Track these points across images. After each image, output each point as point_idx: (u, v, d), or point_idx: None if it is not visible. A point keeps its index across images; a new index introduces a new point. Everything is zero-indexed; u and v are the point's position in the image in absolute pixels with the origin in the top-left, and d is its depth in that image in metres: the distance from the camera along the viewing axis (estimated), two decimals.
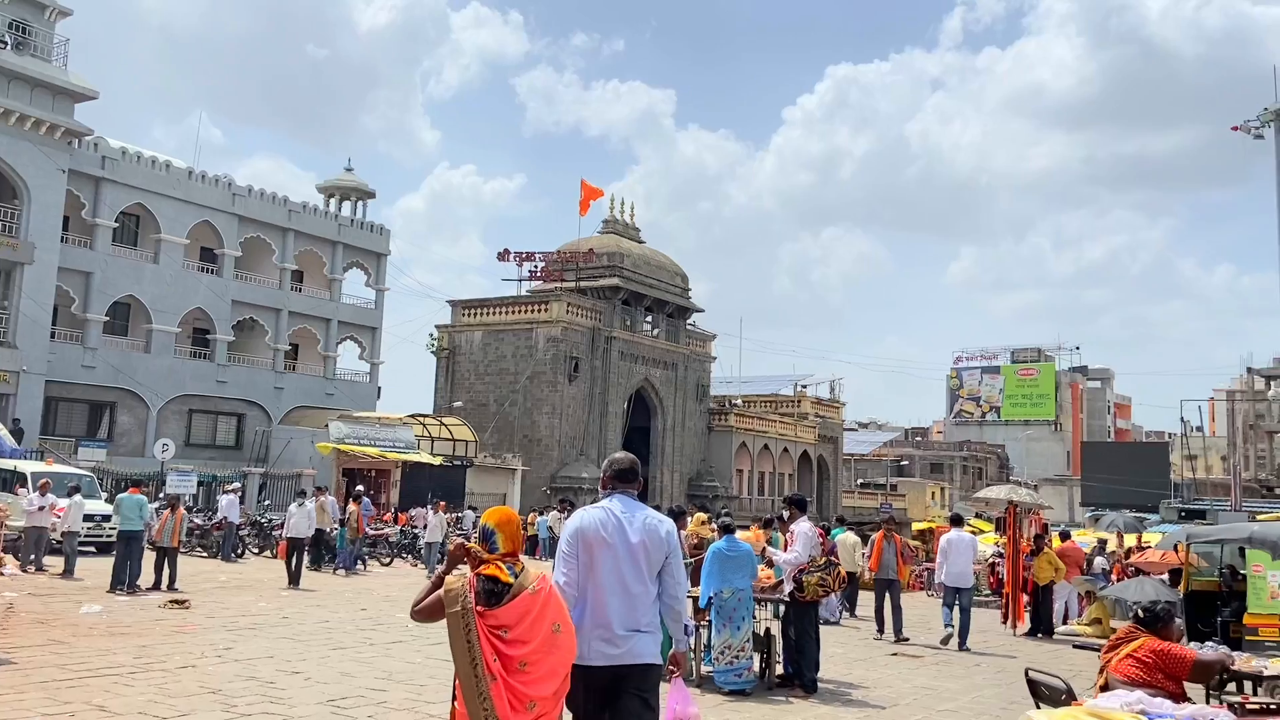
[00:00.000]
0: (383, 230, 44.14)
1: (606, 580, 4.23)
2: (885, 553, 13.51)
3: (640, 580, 4.27)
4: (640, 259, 50.39)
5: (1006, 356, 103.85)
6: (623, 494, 4.50)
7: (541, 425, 44.51)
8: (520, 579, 3.78)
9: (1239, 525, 10.67)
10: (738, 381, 63.89)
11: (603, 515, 4.39)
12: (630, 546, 4.29)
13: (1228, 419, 78.37)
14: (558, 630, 3.76)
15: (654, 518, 4.46)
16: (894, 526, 14.14)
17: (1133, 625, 5.16)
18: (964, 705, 8.69)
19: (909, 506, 66.78)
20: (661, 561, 4.36)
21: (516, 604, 3.70)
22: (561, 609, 3.86)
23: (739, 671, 8.70)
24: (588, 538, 4.30)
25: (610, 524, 4.33)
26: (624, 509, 4.43)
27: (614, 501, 4.46)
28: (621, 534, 4.30)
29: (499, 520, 3.96)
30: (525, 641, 3.67)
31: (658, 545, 4.35)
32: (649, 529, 4.36)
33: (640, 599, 4.26)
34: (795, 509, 9.49)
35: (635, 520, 4.37)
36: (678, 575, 4.41)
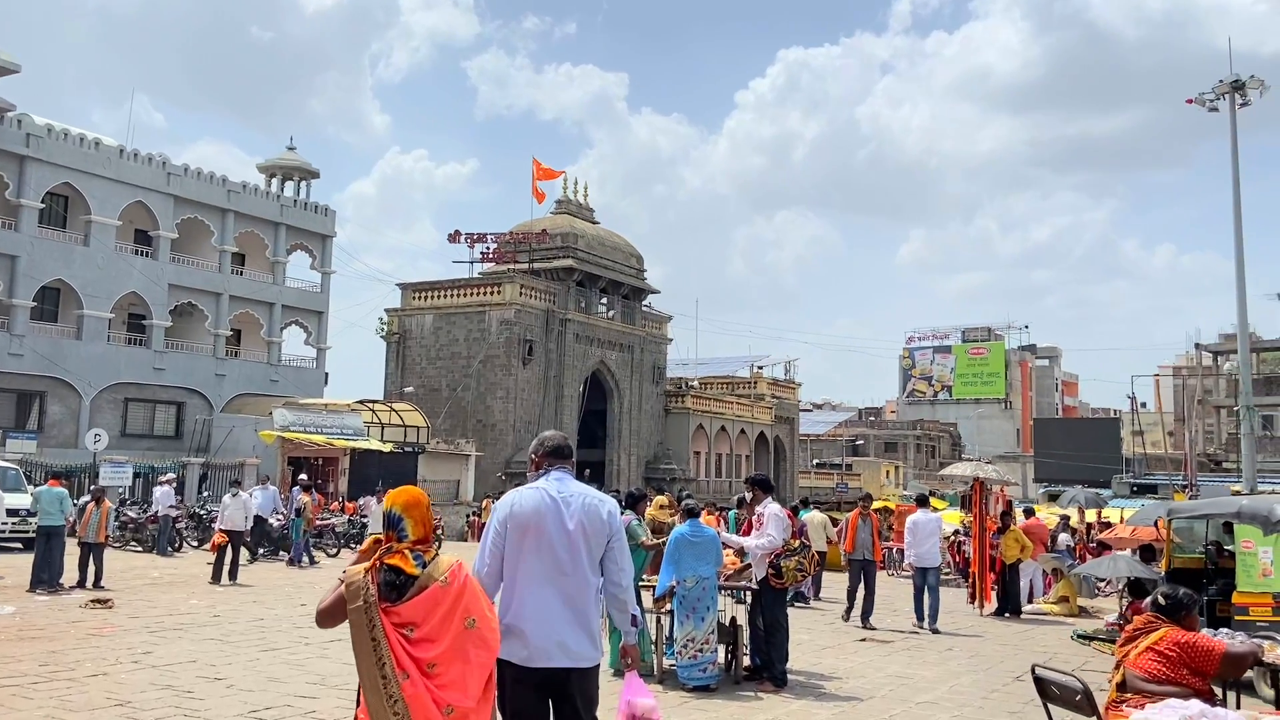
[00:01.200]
0: (328, 211, 42.79)
1: (541, 571, 3.80)
2: (860, 532, 12.87)
3: (580, 569, 3.84)
4: (594, 240, 49.57)
5: (958, 336, 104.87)
6: (560, 472, 4.03)
7: (495, 409, 43.61)
8: (429, 569, 3.38)
9: (1225, 499, 10.28)
10: (694, 363, 63.50)
11: (537, 497, 3.92)
12: (568, 532, 3.85)
13: (1173, 395, 79.78)
14: (472, 625, 3.36)
15: (594, 498, 4.00)
16: (869, 505, 13.43)
17: (1152, 615, 4.59)
18: (943, 696, 8.15)
19: (864, 485, 66.95)
20: (603, 547, 3.93)
21: (423, 598, 3.31)
22: (478, 601, 3.45)
23: (703, 666, 8.07)
24: (520, 523, 3.85)
25: (546, 507, 3.88)
26: (561, 489, 3.96)
27: (549, 481, 3.99)
28: (558, 518, 3.86)
29: (406, 503, 3.51)
30: (433, 640, 3.30)
31: (599, 529, 3.91)
32: (589, 511, 3.91)
33: (580, 591, 3.83)
34: (759, 490, 8.84)
35: (573, 502, 3.92)
36: (622, 561, 3.99)
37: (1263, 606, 8.05)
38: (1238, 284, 25.68)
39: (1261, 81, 25.60)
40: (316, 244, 42.31)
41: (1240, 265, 25.51)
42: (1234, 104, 25.62)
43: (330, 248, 42.76)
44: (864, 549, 12.82)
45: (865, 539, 12.83)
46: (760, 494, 8.79)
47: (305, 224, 41.59)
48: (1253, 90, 25.65)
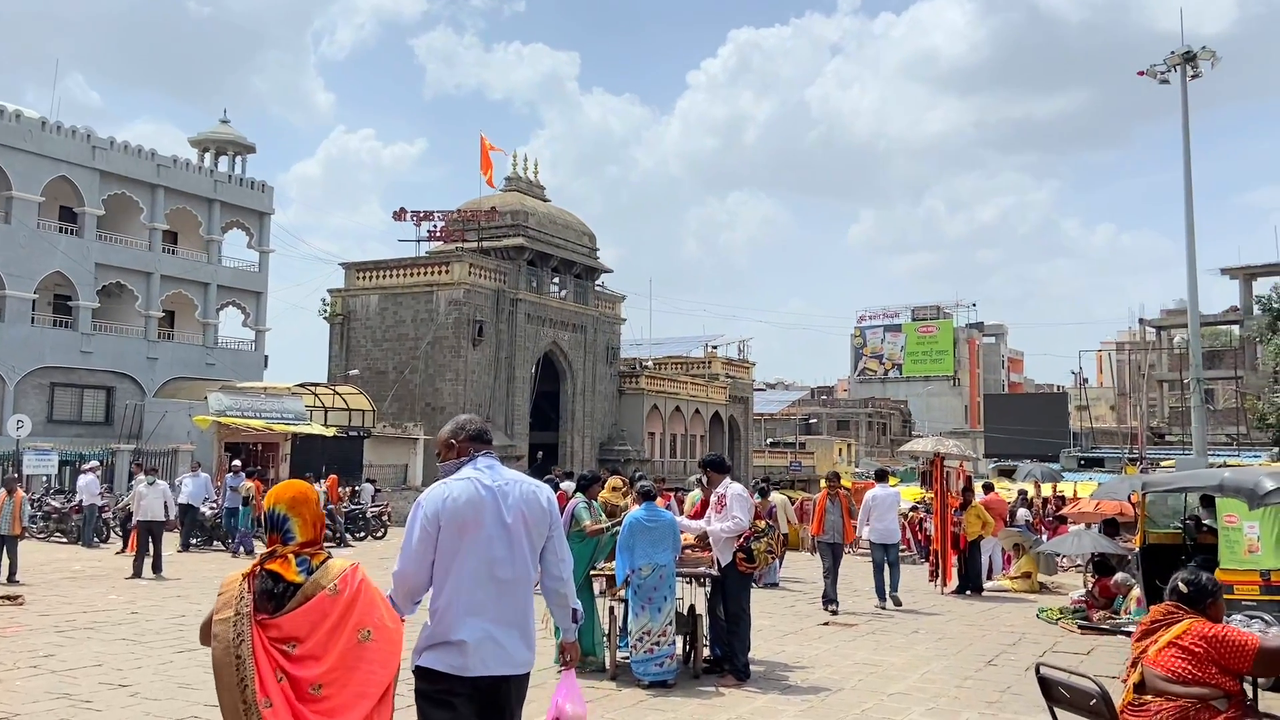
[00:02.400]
0: (264, 187, 41.27)
1: (479, 570, 3.40)
2: (830, 514, 12.06)
3: (520, 566, 3.46)
4: (546, 218, 48.56)
5: (907, 315, 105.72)
6: (487, 458, 3.61)
7: (445, 392, 42.55)
8: (316, 576, 3.03)
9: (1205, 472, 9.91)
10: (648, 344, 62.88)
11: (470, 489, 3.48)
12: (507, 526, 3.46)
13: (1115, 370, 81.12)
14: (366, 638, 3.01)
15: (530, 486, 3.63)
16: (838, 484, 12.61)
17: (1172, 604, 4.04)
18: (914, 685, 7.62)
19: (817, 463, 67.23)
20: (544, 539, 3.58)
21: (307, 609, 2.95)
22: (374, 610, 3.09)
23: (660, 660, 7.45)
24: (456, 519, 3.40)
25: (480, 498, 3.46)
26: (494, 478, 3.54)
27: (478, 470, 3.56)
28: (496, 511, 3.46)
29: (291, 500, 3.16)
30: (318, 658, 2.94)
31: (539, 520, 3.55)
32: (528, 501, 3.54)
33: (521, 590, 3.47)
34: (715, 471, 8.20)
35: (511, 492, 3.52)
36: (562, 552, 3.67)
37: (1249, 585, 7.63)
38: (1188, 256, 25.64)
39: (1213, 53, 25.48)
40: (253, 221, 40.82)
41: (1191, 236, 25.46)
42: (1185, 76, 25.49)
43: (268, 225, 41.31)
44: (834, 531, 12.07)
45: (835, 520, 12.06)
46: (716, 475, 8.16)
47: (241, 200, 40.06)
48: (1204, 61, 25.55)
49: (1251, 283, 53.35)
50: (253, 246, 41.48)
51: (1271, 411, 41.71)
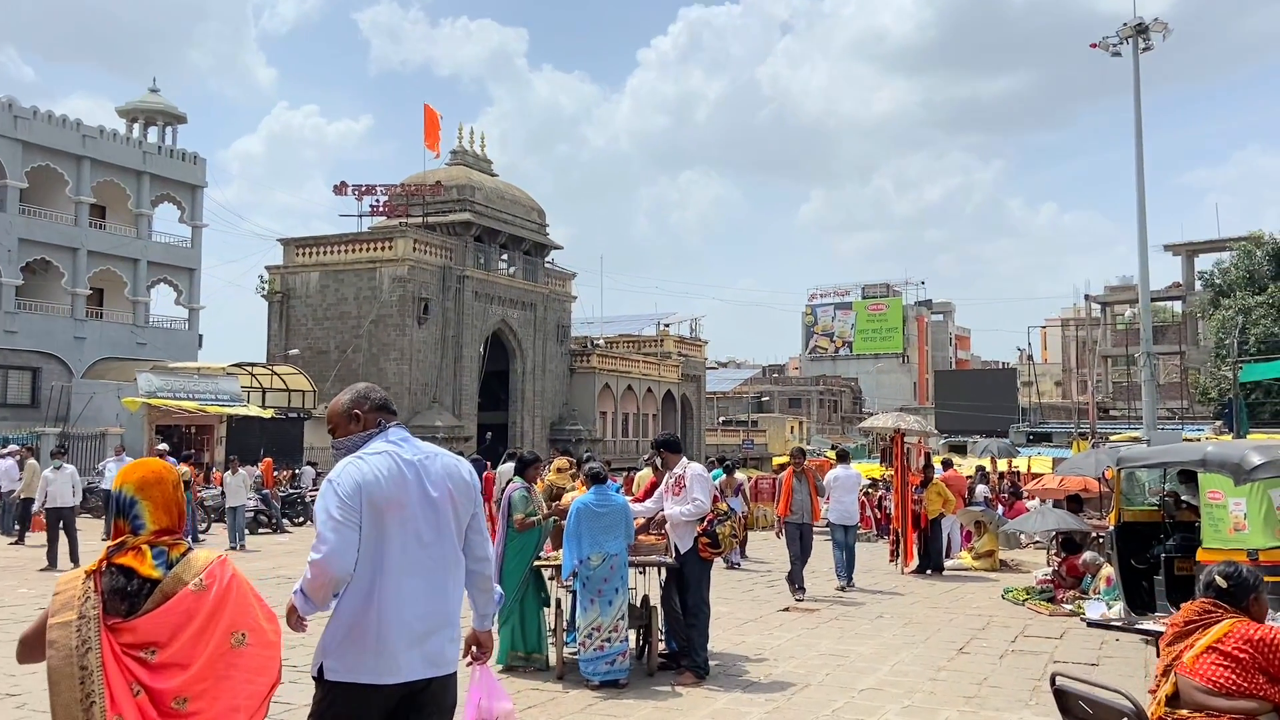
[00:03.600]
0: (196, 159, 39.58)
1: (404, 557, 3.00)
2: (797, 493, 11.35)
3: (447, 550, 3.12)
4: (493, 193, 47.42)
5: (858, 293, 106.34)
6: (400, 430, 3.21)
7: (389, 372, 41.39)
8: (177, 570, 2.68)
9: (1187, 446, 9.52)
10: (599, 322, 62.19)
11: (388, 464, 3.05)
12: (433, 504, 3.08)
13: (1060, 346, 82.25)
14: (240, 642, 2.66)
15: (450, 458, 3.25)
16: (803, 461, 11.86)
17: (1209, 601, 3.47)
18: (886, 679, 7.08)
19: (769, 442, 67.27)
20: (469, 517, 3.22)
21: (167, 610, 2.60)
22: (248, 610, 2.72)
23: (611, 658, 6.81)
24: (378, 498, 2.99)
25: (402, 475, 3.06)
26: (413, 452, 3.15)
27: (393, 443, 3.13)
28: (419, 487, 3.07)
29: (140, 481, 2.76)
30: (183, 665, 2.58)
31: (466, 497, 3.20)
32: (451, 474, 3.17)
33: (447, 577, 3.11)
34: (669, 452, 7.56)
35: (432, 465, 3.14)
36: (484, 530, 3.31)
37: None
38: (1139, 229, 25.60)
39: (1165, 25, 25.37)
40: (185, 195, 39.16)
41: (1142, 208, 25.42)
42: (1137, 48, 25.37)
43: (201, 199, 39.69)
44: (802, 511, 11.37)
45: (803, 499, 11.35)
46: (671, 456, 7.53)
47: (172, 173, 38.38)
48: (1156, 34, 25.44)
49: (1194, 259, 54.08)
50: (185, 221, 39.85)
51: (1213, 385, 42.39)
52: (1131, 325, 52.42)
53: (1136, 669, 7.40)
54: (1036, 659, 7.80)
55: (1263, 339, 36.77)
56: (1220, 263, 44.30)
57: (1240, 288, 40.90)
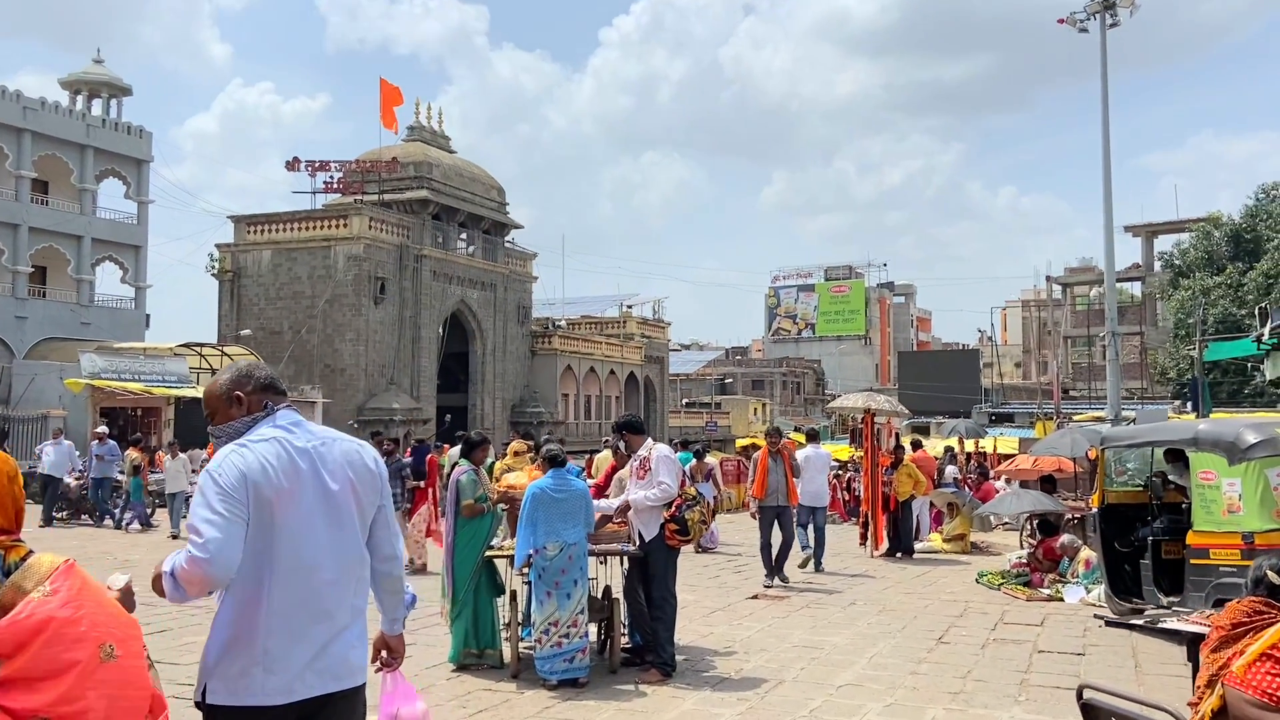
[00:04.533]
0: (142, 133, 38.20)
1: (296, 557, 2.62)
2: (772, 474, 10.77)
3: (350, 547, 2.74)
4: (451, 170, 46.42)
5: (821, 275, 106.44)
6: (290, 412, 2.80)
7: (345, 353, 40.45)
8: (16, 577, 2.35)
9: (1176, 424, 9.16)
10: (561, 303, 61.44)
11: (277, 452, 2.66)
12: (332, 497, 2.69)
13: (1021, 327, 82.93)
14: (111, 655, 2.28)
15: (352, 444, 2.84)
16: (779, 440, 11.23)
17: (1260, 600, 3.02)
18: (865, 674, 6.63)
19: (733, 423, 67.09)
20: (374, 509, 2.82)
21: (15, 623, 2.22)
22: (109, 619, 2.35)
23: (570, 655, 6.28)
24: (263, 491, 2.58)
25: (294, 464, 2.66)
26: (307, 437, 2.74)
27: (283, 428, 2.72)
28: (315, 478, 2.68)
29: None
30: (36, 682, 2.19)
31: (370, 487, 2.80)
32: (353, 463, 2.77)
33: (350, 578, 2.73)
34: (631, 433, 7.04)
35: (329, 453, 2.74)
36: (392, 525, 2.90)
37: (1229, 549, 6.84)
38: (1105, 208, 25.37)
39: (1133, 0, 25.17)
40: (131, 169, 37.81)
41: (1108, 185, 25.17)
42: (1104, 23, 25.09)
43: (147, 174, 38.35)
44: (778, 493, 10.81)
45: (778, 481, 10.79)
46: (634, 438, 6.99)
47: (117, 147, 37.01)
48: (1124, 9, 25.20)
49: (1153, 240, 54.56)
50: (131, 197, 38.51)
51: (1172, 365, 42.81)
52: (1093, 306, 52.82)
53: (1125, 659, 7.03)
54: (1020, 648, 7.41)
55: (1221, 319, 37.11)
56: (1180, 244, 44.71)
57: (1199, 268, 41.26)
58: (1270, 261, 37.71)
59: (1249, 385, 37.17)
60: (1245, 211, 41.18)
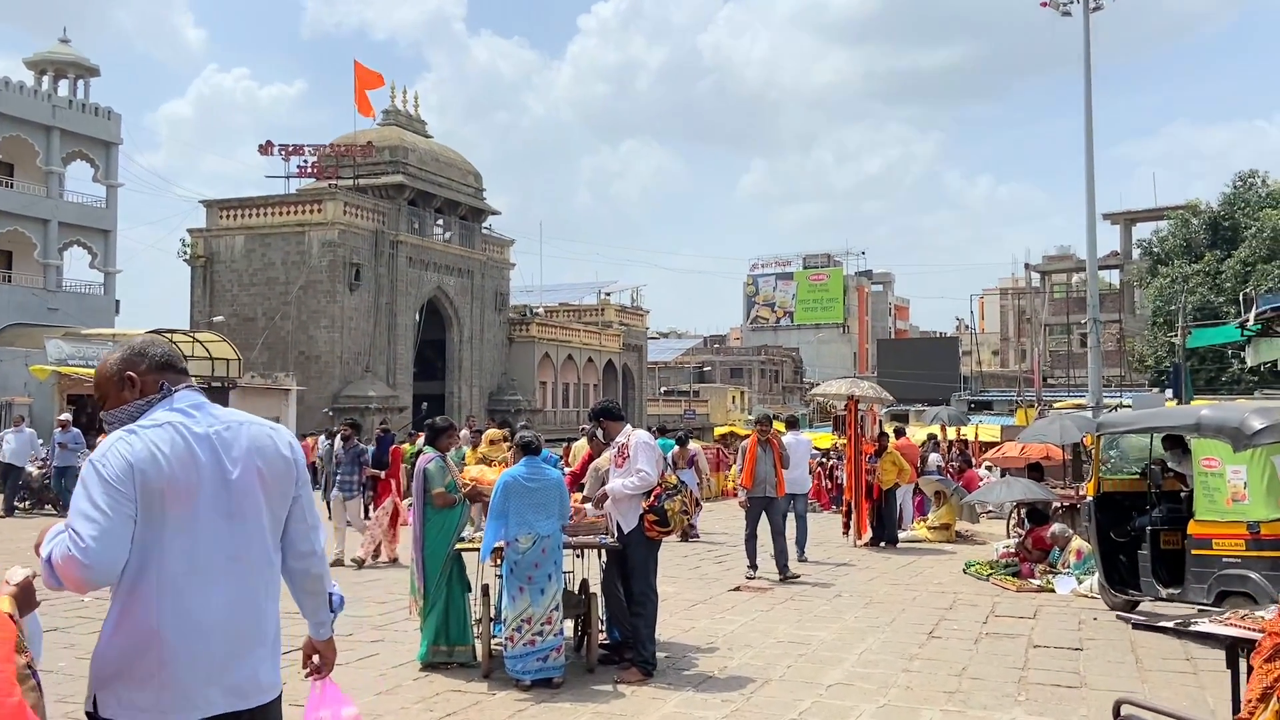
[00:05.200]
0: (110, 114, 37.39)
1: (192, 557, 2.30)
2: (760, 462, 10.29)
3: (257, 546, 2.41)
4: (428, 155, 45.76)
5: (799, 263, 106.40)
6: (190, 393, 2.47)
7: (320, 340, 39.83)
8: None
9: (1177, 409, 8.88)
10: (539, 290, 60.95)
11: (171, 438, 2.32)
12: (231, 487, 2.37)
13: (999, 315, 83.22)
14: None
15: (263, 428, 2.51)
16: (769, 428, 10.71)
17: None
18: (855, 671, 6.32)
19: (711, 411, 66.92)
20: (289, 502, 2.50)
21: None
22: None
23: (544, 653, 5.92)
24: (153, 482, 2.26)
25: (191, 453, 2.32)
26: (208, 422, 2.41)
27: (180, 412, 2.39)
28: (215, 467, 2.35)
29: None
30: None
31: (283, 477, 2.47)
32: (262, 450, 2.45)
33: (259, 581, 2.42)
34: (609, 420, 6.67)
35: (234, 439, 2.41)
36: (310, 518, 2.57)
37: (1233, 539, 6.57)
38: (1088, 191, 25.16)
39: None
40: (99, 152, 37.01)
41: (1090, 170, 24.97)
42: (1088, 6, 24.90)
43: (116, 156, 37.56)
44: (766, 483, 10.33)
45: (767, 470, 10.31)
46: (612, 425, 6.62)
47: (84, 128, 36.20)
48: None
49: (1131, 228, 54.65)
50: (99, 180, 37.72)
51: (1150, 353, 42.89)
52: (1071, 294, 52.93)
53: (1124, 654, 6.75)
54: (1014, 643, 7.12)
55: (1199, 306, 37.15)
56: (1158, 231, 44.73)
57: (1177, 256, 41.29)
58: (1248, 249, 37.78)
59: (1226, 372, 37.27)
60: (1223, 199, 41.24)
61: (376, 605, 8.64)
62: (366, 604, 8.79)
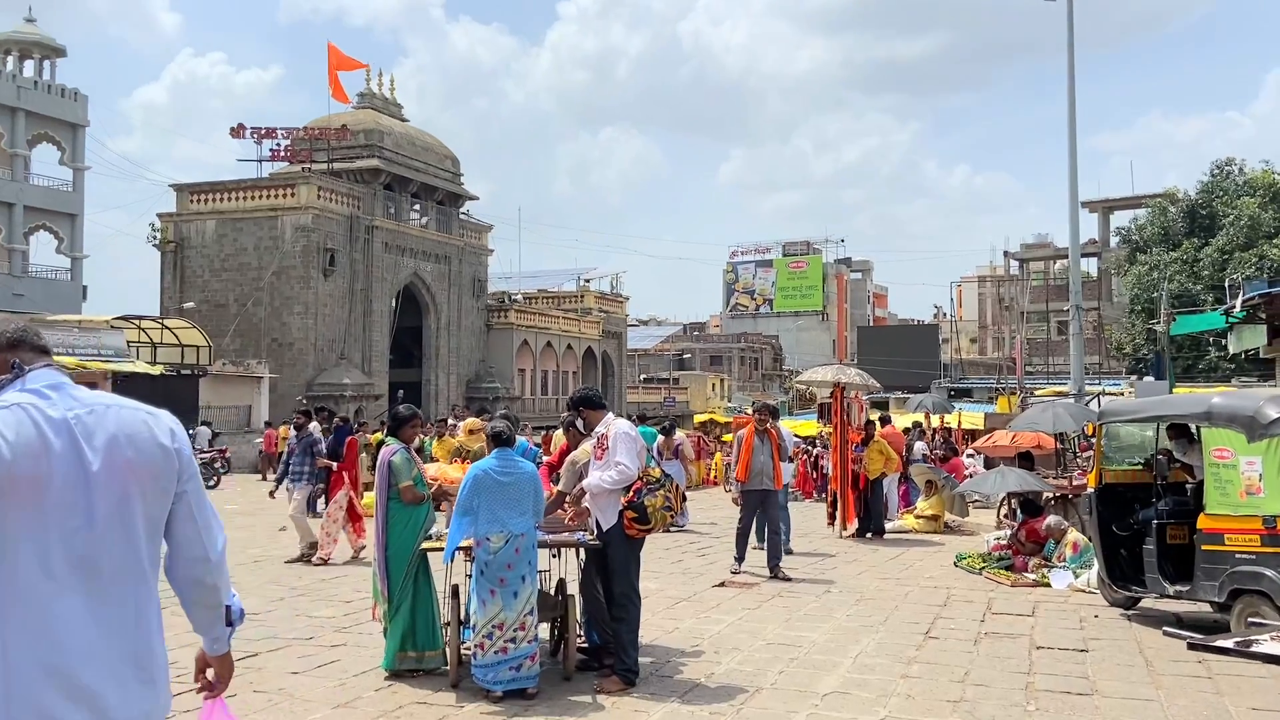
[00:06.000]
0: (77, 95, 36.42)
1: (45, 566, 1.94)
2: (758, 454, 9.70)
3: (124, 550, 2.03)
4: (404, 138, 44.96)
5: (779, 251, 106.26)
6: (47, 372, 2.09)
7: (293, 327, 39.07)
8: None
9: (1186, 397, 8.50)
10: (518, 276, 60.37)
11: (18, 420, 1.95)
12: (92, 481, 1.99)
13: (977, 303, 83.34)
14: None
15: (137, 413, 2.11)
16: (768, 418, 10.11)
17: None
18: (851, 678, 5.92)
19: (691, 399, 66.63)
20: (168, 500, 2.12)
21: None
22: None
23: (516, 662, 5.48)
24: None
25: (38, 438, 1.95)
26: (66, 405, 2.04)
27: (33, 393, 2.02)
28: (72, 458, 1.98)
29: None
30: None
31: (159, 469, 2.09)
32: (135, 438, 2.06)
33: (132, 592, 2.05)
34: (591, 409, 6.20)
35: (100, 424, 2.04)
36: (201, 517, 2.20)
37: (1247, 534, 6.22)
38: (1070, 176, 24.85)
39: None
40: (65, 134, 36.07)
41: (1073, 153, 24.68)
42: None
43: (83, 139, 36.63)
44: (763, 476, 9.72)
45: (764, 462, 9.70)
46: (593, 413, 6.16)
47: (50, 110, 35.27)
48: None
49: (1109, 216, 54.67)
50: (66, 163, 36.79)
51: (1128, 340, 42.91)
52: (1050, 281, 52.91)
53: (1133, 656, 6.40)
54: (1015, 644, 6.75)
55: (1177, 294, 37.14)
56: (1136, 219, 44.71)
57: (1155, 244, 41.28)
58: (1225, 237, 37.82)
59: (1202, 360, 37.33)
60: (1201, 187, 41.25)
61: (341, 605, 8.19)
62: (330, 603, 8.33)
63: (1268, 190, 38.07)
